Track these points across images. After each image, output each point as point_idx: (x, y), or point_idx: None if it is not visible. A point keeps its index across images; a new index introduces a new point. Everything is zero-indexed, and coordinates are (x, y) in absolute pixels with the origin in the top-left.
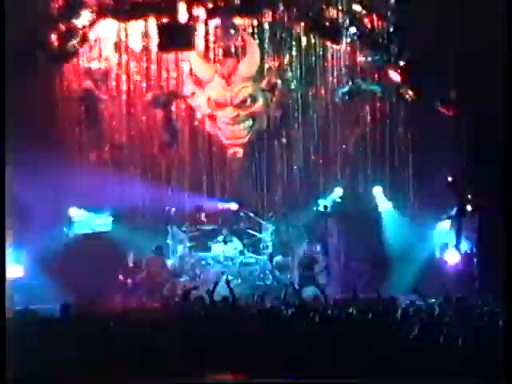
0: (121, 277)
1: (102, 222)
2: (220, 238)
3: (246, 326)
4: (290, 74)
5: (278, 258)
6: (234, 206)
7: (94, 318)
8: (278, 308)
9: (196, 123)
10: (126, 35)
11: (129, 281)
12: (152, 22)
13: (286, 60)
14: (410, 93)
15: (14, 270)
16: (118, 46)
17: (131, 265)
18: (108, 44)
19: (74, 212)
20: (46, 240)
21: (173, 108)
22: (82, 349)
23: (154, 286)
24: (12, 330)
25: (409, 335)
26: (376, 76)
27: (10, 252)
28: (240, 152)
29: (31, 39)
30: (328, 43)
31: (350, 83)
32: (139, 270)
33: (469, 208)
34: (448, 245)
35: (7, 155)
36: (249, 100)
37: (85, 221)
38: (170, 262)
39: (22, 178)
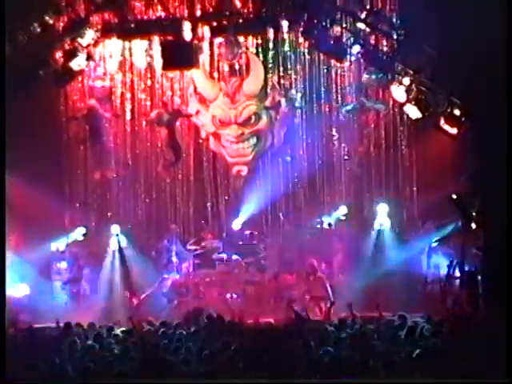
0: (127, 294)
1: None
2: (224, 255)
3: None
4: (294, 91)
5: (282, 277)
6: (238, 225)
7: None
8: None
9: (200, 141)
10: (131, 54)
11: (134, 300)
12: (156, 41)
13: (290, 78)
14: (414, 110)
15: (20, 289)
16: (122, 65)
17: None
18: (112, 62)
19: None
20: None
21: (177, 126)
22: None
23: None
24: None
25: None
26: (380, 94)
27: (14, 270)
28: (244, 170)
29: (35, 57)
30: (332, 61)
31: (354, 101)
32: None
33: (473, 226)
34: (452, 262)
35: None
36: (253, 118)
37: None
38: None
39: (25, 194)
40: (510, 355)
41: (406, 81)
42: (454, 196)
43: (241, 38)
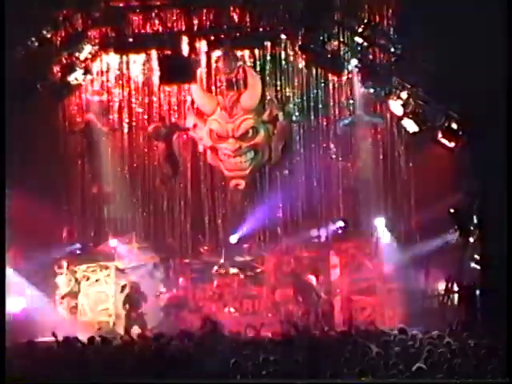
0: (127, 306)
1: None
2: (222, 270)
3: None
4: (291, 106)
5: (280, 291)
6: (235, 238)
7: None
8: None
9: (198, 155)
10: (128, 68)
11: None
12: (154, 55)
13: (288, 92)
14: (411, 124)
15: (18, 303)
16: (119, 79)
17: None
18: (110, 76)
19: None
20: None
21: (174, 140)
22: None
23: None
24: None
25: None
26: (377, 108)
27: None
28: (242, 184)
29: (33, 71)
30: (329, 75)
31: (352, 115)
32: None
33: (471, 239)
34: (450, 276)
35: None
36: (250, 132)
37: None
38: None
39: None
40: (510, 355)
41: (404, 95)
42: (452, 210)
43: (238, 52)
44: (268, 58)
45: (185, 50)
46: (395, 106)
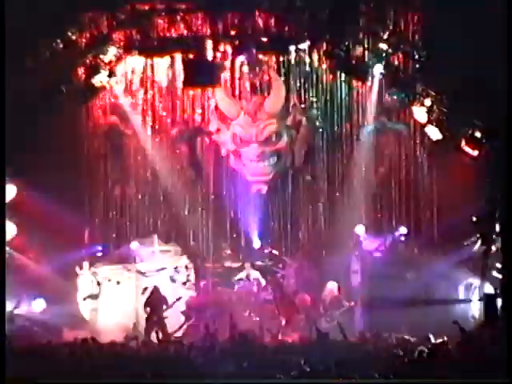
0: (147, 310)
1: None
2: (243, 274)
3: None
4: (315, 111)
5: (301, 296)
6: (257, 243)
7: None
8: None
9: (221, 159)
10: (152, 71)
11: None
12: (178, 58)
13: (311, 97)
14: (435, 131)
15: (37, 304)
16: (144, 82)
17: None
18: (134, 79)
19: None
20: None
21: (197, 144)
22: None
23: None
24: None
25: None
26: (401, 115)
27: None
28: (264, 189)
29: (58, 73)
30: (354, 81)
31: (375, 121)
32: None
33: (493, 248)
34: (472, 285)
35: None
36: (274, 137)
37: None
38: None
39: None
40: (510, 355)
41: (428, 102)
42: (474, 218)
43: (263, 57)
44: (292, 63)
45: (209, 54)
46: (419, 113)
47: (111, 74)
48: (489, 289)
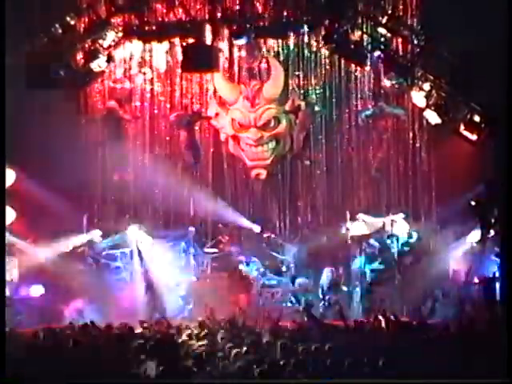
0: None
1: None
2: (242, 259)
3: None
4: (313, 96)
5: (300, 281)
6: (256, 228)
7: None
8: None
9: (219, 144)
10: (151, 55)
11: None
12: (177, 43)
13: (310, 82)
14: (434, 116)
15: (35, 289)
16: (142, 66)
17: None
18: (133, 64)
19: (96, 233)
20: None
21: (196, 129)
22: None
23: None
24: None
25: None
26: (400, 99)
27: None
28: (263, 173)
29: (56, 58)
30: (352, 66)
31: (374, 106)
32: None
33: (492, 232)
34: (470, 269)
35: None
36: (273, 122)
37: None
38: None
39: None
40: (510, 355)
41: (426, 86)
42: (473, 202)
43: (261, 42)
44: (291, 47)
45: (208, 38)
46: (418, 98)
47: (110, 59)
48: (487, 272)
